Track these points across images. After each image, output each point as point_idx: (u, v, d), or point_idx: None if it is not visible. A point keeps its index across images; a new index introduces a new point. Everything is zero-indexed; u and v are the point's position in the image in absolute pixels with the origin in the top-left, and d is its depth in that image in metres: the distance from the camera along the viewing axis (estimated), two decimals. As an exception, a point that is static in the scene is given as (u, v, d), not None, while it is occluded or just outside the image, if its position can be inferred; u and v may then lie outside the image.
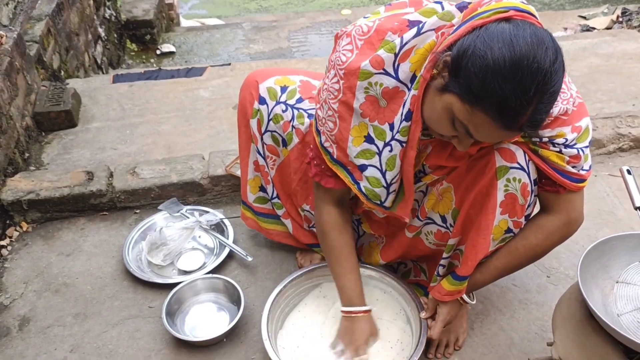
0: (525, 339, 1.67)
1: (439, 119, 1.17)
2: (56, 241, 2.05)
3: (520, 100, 1.04)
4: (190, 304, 1.78)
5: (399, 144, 1.31)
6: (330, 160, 1.41)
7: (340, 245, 1.54)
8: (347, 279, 1.53)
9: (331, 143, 1.38)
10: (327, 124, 1.37)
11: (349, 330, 1.54)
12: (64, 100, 2.60)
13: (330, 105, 1.34)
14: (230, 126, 2.58)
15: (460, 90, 1.08)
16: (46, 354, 1.67)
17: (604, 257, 1.34)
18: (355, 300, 1.53)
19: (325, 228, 1.54)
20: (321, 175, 1.46)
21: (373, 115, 1.31)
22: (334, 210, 1.53)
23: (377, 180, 1.37)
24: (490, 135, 1.14)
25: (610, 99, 2.70)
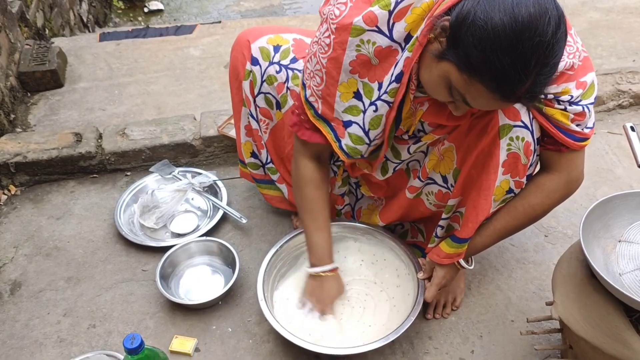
0: (523, 299, 1.66)
1: (436, 85, 1.13)
2: (46, 204, 2.01)
3: (519, 74, 1.00)
4: (185, 267, 1.76)
5: (385, 104, 1.27)
6: (314, 115, 1.37)
7: (314, 200, 1.52)
8: (318, 235, 1.52)
9: (316, 98, 1.34)
10: (314, 78, 1.32)
11: (317, 289, 1.54)
12: (49, 60, 2.51)
13: (320, 60, 1.29)
14: (222, 86, 2.52)
15: (458, 60, 1.04)
16: (39, 319, 1.64)
17: (606, 216, 1.32)
18: (325, 258, 1.52)
19: (301, 182, 1.51)
20: (299, 126, 1.43)
21: (364, 72, 1.26)
22: (311, 164, 1.50)
23: (359, 138, 1.34)
24: (487, 104, 1.11)
25: (610, 54, 2.64)
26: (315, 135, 1.41)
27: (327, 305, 1.54)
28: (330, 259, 1.53)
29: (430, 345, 1.56)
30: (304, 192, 1.52)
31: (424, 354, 1.53)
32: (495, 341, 1.56)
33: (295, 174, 1.53)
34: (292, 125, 1.45)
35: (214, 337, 1.59)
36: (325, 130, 1.38)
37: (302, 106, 1.40)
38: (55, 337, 1.59)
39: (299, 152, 1.50)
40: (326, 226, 1.53)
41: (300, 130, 1.43)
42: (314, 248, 1.53)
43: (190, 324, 1.61)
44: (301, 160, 1.50)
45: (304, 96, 1.38)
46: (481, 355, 1.53)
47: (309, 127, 1.41)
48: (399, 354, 1.53)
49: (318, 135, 1.41)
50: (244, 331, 1.60)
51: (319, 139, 1.41)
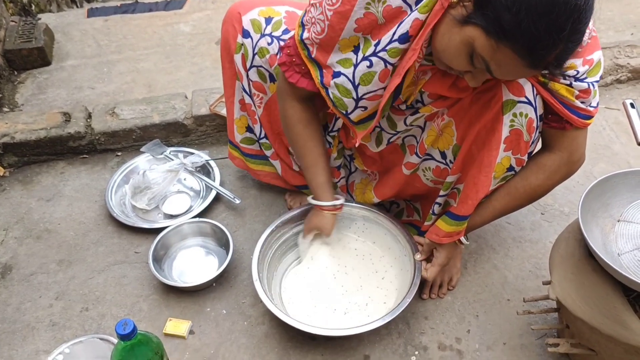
0: (519, 277, 1.65)
1: (456, 52, 1.08)
2: (35, 186, 1.98)
3: (553, 39, 0.96)
4: (177, 248, 1.74)
5: (382, 62, 1.21)
6: (307, 56, 1.32)
7: (305, 138, 1.50)
8: (313, 171, 1.53)
9: (313, 42, 1.29)
10: (315, 25, 1.26)
11: (312, 215, 1.59)
12: (36, 37, 2.46)
13: (325, 10, 1.22)
14: (214, 63, 2.47)
15: (486, 23, 0.98)
16: (31, 302, 1.62)
17: (605, 195, 1.30)
18: (321, 193, 1.54)
19: (290, 122, 1.49)
20: (288, 67, 1.38)
21: (367, 30, 1.21)
22: (298, 105, 1.47)
23: (346, 90, 1.30)
24: (512, 73, 1.07)
25: (608, 28, 2.60)
26: (304, 80, 1.37)
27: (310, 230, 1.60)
28: (327, 195, 1.54)
29: (427, 325, 1.55)
30: (293, 131, 1.50)
31: (420, 334, 1.53)
32: (492, 320, 1.55)
33: (282, 115, 1.51)
34: (281, 64, 1.39)
35: (209, 319, 1.57)
36: (314, 74, 1.33)
37: (295, 46, 1.34)
38: (47, 321, 1.58)
39: (285, 93, 1.46)
40: (319, 160, 1.53)
41: (288, 71, 1.38)
42: (311, 184, 1.55)
43: (184, 306, 1.60)
44: (288, 101, 1.47)
45: (299, 35, 1.31)
46: (477, 334, 1.53)
47: (299, 71, 1.37)
48: (395, 334, 1.52)
49: (306, 81, 1.37)
50: (238, 313, 1.58)
51: (306, 84, 1.37)
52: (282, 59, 1.39)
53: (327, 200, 1.54)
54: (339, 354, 1.49)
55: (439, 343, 1.51)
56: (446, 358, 1.48)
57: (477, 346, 1.50)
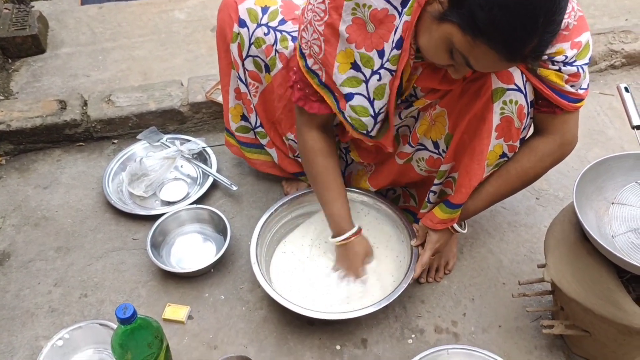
0: (514, 261, 1.67)
1: (436, 48, 1.09)
2: (32, 174, 1.98)
3: (527, 33, 0.97)
4: (175, 235, 1.74)
5: (388, 72, 1.23)
6: (318, 84, 1.33)
7: (327, 171, 1.49)
8: (335, 205, 1.50)
9: (320, 66, 1.30)
10: (312, 47, 1.28)
11: (345, 257, 1.53)
12: (30, 24, 2.44)
13: (316, 28, 1.25)
14: (209, 50, 2.46)
15: (461, 20, 1.00)
16: (29, 289, 1.63)
17: (600, 178, 1.31)
18: (345, 225, 1.50)
19: (311, 154, 1.48)
20: (305, 100, 1.39)
21: (360, 41, 1.22)
22: (318, 135, 1.47)
23: (364, 109, 1.30)
24: (491, 67, 1.09)
25: (602, 14, 2.61)
26: (324, 106, 1.37)
27: (358, 269, 1.52)
28: (350, 225, 1.50)
29: (423, 308, 1.57)
30: (313, 163, 1.49)
31: (416, 318, 1.55)
32: (487, 304, 1.57)
33: (303, 148, 1.49)
34: (297, 100, 1.40)
35: (207, 304, 1.58)
36: (329, 100, 1.34)
37: (303, 78, 1.35)
38: (46, 307, 1.59)
39: (304, 125, 1.46)
40: (341, 194, 1.51)
41: (307, 104, 1.39)
42: (332, 218, 1.51)
43: (182, 292, 1.61)
44: (307, 133, 1.46)
45: (304, 65, 1.33)
46: (473, 317, 1.54)
47: (316, 100, 1.37)
48: (392, 318, 1.54)
49: (325, 106, 1.37)
50: (236, 298, 1.60)
51: (327, 110, 1.37)
52: (296, 96, 1.40)
53: (351, 229, 1.50)
54: (337, 337, 1.51)
55: (436, 326, 1.53)
56: (442, 341, 1.50)
57: (473, 329, 1.52)
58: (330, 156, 1.49)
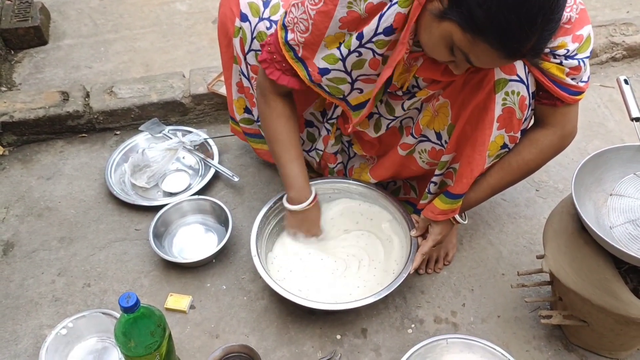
0: (514, 252, 1.68)
1: (436, 46, 1.11)
2: (35, 165, 1.99)
3: (526, 32, 0.98)
4: (177, 226, 1.76)
5: (370, 52, 1.25)
6: (293, 57, 1.34)
7: (285, 132, 1.50)
8: (293, 166, 1.51)
9: (298, 43, 1.31)
10: (298, 24, 1.29)
11: (302, 222, 1.57)
12: (32, 16, 2.44)
13: (307, 10, 1.25)
14: (211, 42, 2.47)
15: (461, 19, 1.01)
16: (33, 278, 1.65)
17: (598, 169, 1.32)
18: (303, 191, 1.52)
19: (271, 116, 1.49)
20: (269, 64, 1.39)
21: (352, 27, 1.24)
22: (280, 99, 1.48)
23: (341, 79, 1.33)
24: (491, 63, 1.10)
25: (604, 5, 2.60)
26: (284, 78, 1.39)
27: (317, 230, 1.59)
28: (308, 192, 1.53)
29: (423, 299, 1.58)
30: (273, 125, 1.50)
31: (416, 308, 1.56)
32: (486, 294, 1.59)
33: (263, 109, 1.50)
34: (262, 61, 1.41)
35: (209, 294, 1.60)
36: (302, 73, 1.35)
37: (277, 45, 1.36)
38: (50, 297, 1.60)
39: (266, 89, 1.47)
40: (299, 156, 1.53)
41: (269, 68, 1.40)
42: (289, 180, 1.52)
43: (184, 282, 1.63)
44: (269, 96, 1.47)
45: (282, 37, 1.33)
46: (472, 308, 1.56)
47: (280, 68, 1.39)
48: (392, 308, 1.56)
49: (287, 78, 1.39)
50: (238, 288, 1.61)
51: (287, 82, 1.39)
52: (263, 56, 1.40)
53: (309, 195, 1.53)
54: (337, 327, 1.52)
55: (435, 316, 1.54)
56: (442, 331, 1.51)
57: (472, 319, 1.53)
58: (290, 119, 1.51)
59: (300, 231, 1.59)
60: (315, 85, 1.37)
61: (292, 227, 1.59)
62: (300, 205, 1.52)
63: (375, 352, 1.47)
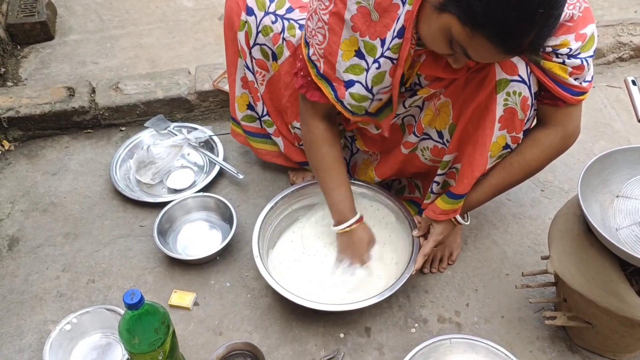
0: (518, 253, 1.68)
1: (435, 38, 1.10)
2: (40, 160, 2.00)
3: (524, 27, 0.97)
4: (182, 222, 1.76)
5: (389, 61, 1.25)
6: (317, 74, 1.34)
7: (330, 159, 1.50)
8: (338, 193, 1.50)
9: (318, 57, 1.31)
10: (316, 36, 1.29)
11: (348, 244, 1.53)
12: (38, 11, 2.45)
13: (321, 17, 1.25)
14: (217, 38, 2.47)
15: (460, 12, 1.00)
16: (38, 273, 1.65)
17: (605, 171, 1.31)
18: (348, 213, 1.50)
19: (315, 142, 1.49)
20: (307, 87, 1.40)
21: (364, 29, 1.23)
22: (322, 124, 1.47)
23: (362, 97, 1.32)
24: (489, 57, 1.09)
25: (611, 5, 2.59)
26: (323, 96, 1.38)
27: (363, 255, 1.54)
28: (352, 213, 1.50)
29: (427, 298, 1.58)
30: (319, 151, 1.49)
31: (420, 307, 1.56)
32: (490, 294, 1.58)
33: (307, 136, 1.50)
34: (300, 87, 1.41)
35: (213, 291, 1.60)
36: (326, 90, 1.35)
37: (306, 66, 1.36)
38: (54, 292, 1.61)
39: (308, 114, 1.47)
40: (344, 182, 1.51)
41: (309, 91, 1.40)
42: (335, 206, 1.51)
43: (188, 279, 1.63)
44: (312, 122, 1.47)
45: (306, 54, 1.34)
46: (476, 308, 1.56)
47: (317, 88, 1.38)
48: (395, 308, 1.56)
49: (325, 96, 1.38)
50: (242, 286, 1.61)
51: (326, 99, 1.38)
52: (299, 82, 1.41)
53: (353, 216, 1.50)
54: (341, 326, 1.52)
55: (439, 316, 1.54)
56: (445, 330, 1.51)
57: (476, 319, 1.53)
58: (334, 144, 1.50)
59: (347, 255, 1.55)
60: (338, 103, 1.36)
61: (341, 252, 1.56)
62: (345, 224, 1.49)
63: (379, 351, 1.47)
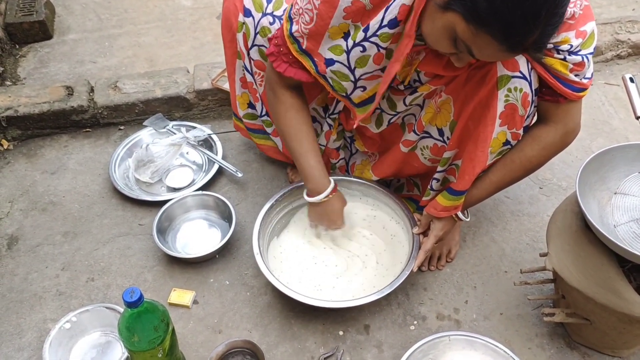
0: (517, 250, 1.68)
1: (439, 36, 1.10)
2: (39, 159, 2.00)
3: (529, 25, 0.98)
4: (181, 221, 1.76)
5: (374, 46, 1.24)
6: (298, 50, 1.34)
7: (298, 124, 1.47)
8: (309, 158, 1.48)
9: (302, 34, 1.31)
10: (303, 15, 1.28)
11: (322, 213, 1.53)
12: (37, 10, 2.45)
13: (312, 0, 1.25)
14: (215, 37, 2.47)
15: (464, 10, 1.00)
16: (37, 272, 1.66)
17: (603, 168, 1.32)
18: (322, 182, 1.48)
19: (281, 108, 1.47)
20: (276, 57, 1.38)
21: (357, 17, 1.23)
22: (288, 92, 1.46)
23: (343, 75, 1.32)
24: (494, 56, 1.09)
25: (610, 3, 2.60)
26: (291, 69, 1.38)
27: (337, 222, 1.54)
28: (327, 181, 1.49)
29: (425, 296, 1.58)
30: (286, 117, 1.48)
31: (419, 305, 1.56)
32: (489, 291, 1.59)
33: (273, 102, 1.48)
34: (269, 54, 1.40)
35: (212, 289, 1.61)
36: (308, 65, 1.35)
37: (282, 38, 1.36)
38: (54, 291, 1.61)
39: (275, 82, 1.45)
40: (314, 148, 1.49)
41: (276, 61, 1.39)
42: (306, 172, 1.48)
43: (188, 277, 1.63)
44: (278, 89, 1.46)
45: (287, 29, 1.33)
46: (475, 305, 1.56)
47: (287, 60, 1.38)
48: (394, 305, 1.56)
49: (294, 70, 1.38)
50: (241, 284, 1.62)
51: (294, 73, 1.38)
52: (270, 50, 1.40)
53: (328, 185, 1.49)
54: (340, 323, 1.52)
55: (438, 313, 1.55)
56: (444, 328, 1.51)
57: (475, 316, 1.53)
58: (303, 110, 1.49)
59: (322, 224, 1.56)
60: (320, 77, 1.36)
61: (314, 221, 1.58)
62: (319, 197, 1.48)
63: (378, 348, 1.48)
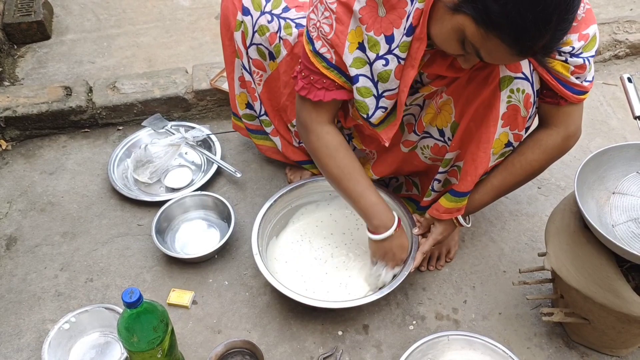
0: (515, 250, 1.69)
1: (448, 38, 1.10)
2: (38, 159, 2.00)
3: (540, 30, 0.98)
4: (180, 221, 1.76)
5: (396, 59, 1.23)
6: (327, 67, 1.29)
7: (351, 163, 1.41)
8: (370, 197, 1.41)
9: (328, 48, 1.27)
10: (322, 28, 1.26)
11: (388, 250, 1.45)
12: (35, 10, 2.44)
13: (328, 6, 1.23)
14: (214, 37, 2.47)
15: (475, 13, 1.00)
16: (36, 273, 1.65)
17: (601, 167, 1.32)
18: (387, 217, 1.41)
19: (330, 150, 1.39)
20: (309, 89, 1.33)
21: (370, 23, 1.22)
22: (331, 128, 1.41)
23: (367, 90, 1.30)
24: (502, 59, 1.09)
25: (607, 3, 2.60)
26: (330, 93, 1.32)
27: (404, 256, 1.48)
28: (392, 215, 1.42)
29: (424, 296, 1.59)
30: (336, 159, 1.40)
31: (417, 305, 1.56)
32: (488, 291, 1.59)
33: (318, 145, 1.40)
34: (300, 89, 1.35)
35: (211, 290, 1.60)
36: (340, 81, 1.30)
37: (309, 65, 1.31)
38: (53, 291, 1.61)
39: (314, 121, 1.39)
40: (371, 183, 1.43)
41: (311, 92, 1.33)
42: (370, 210, 1.40)
43: (187, 277, 1.63)
44: (320, 128, 1.39)
45: (311, 49, 1.29)
46: (473, 305, 1.56)
47: (321, 87, 1.32)
48: (393, 305, 1.56)
49: (333, 93, 1.32)
50: (240, 284, 1.62)
51: (335, 94, 1.32)
52: (300, 85, 1.35)
53: (394, 219, 1.42)
54: (339, 323, 1.53)
55: (436, 313, 1.55)
56: (443, 327, 1.51)
57: (474, 316, 1.54)
58: (348, 147, 1.43)
59: (386, 260, 1.46)
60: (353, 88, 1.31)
61: (378, 257, 1.47)
62: (387, 233, 1.40)
63: (377, 348, 1.48)
